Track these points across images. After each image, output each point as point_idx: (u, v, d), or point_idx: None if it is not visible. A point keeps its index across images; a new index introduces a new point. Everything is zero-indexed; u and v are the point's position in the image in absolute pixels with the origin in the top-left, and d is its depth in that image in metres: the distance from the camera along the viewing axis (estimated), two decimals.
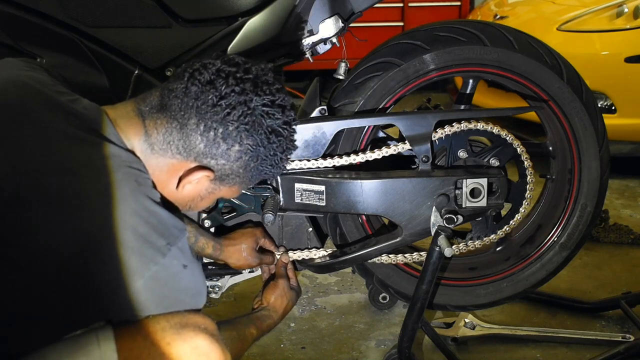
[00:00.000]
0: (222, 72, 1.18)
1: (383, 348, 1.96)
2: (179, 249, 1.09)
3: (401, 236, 1.73)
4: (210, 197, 1.28)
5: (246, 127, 1.18)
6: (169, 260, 1.06)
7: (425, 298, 1.70)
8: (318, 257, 1.79)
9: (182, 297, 1.10)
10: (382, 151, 1.72)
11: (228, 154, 1.19)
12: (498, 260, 1.94)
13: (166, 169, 1.19)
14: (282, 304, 1.62)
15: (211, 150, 1.18)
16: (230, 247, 1.67)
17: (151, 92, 1.21)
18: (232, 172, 1.22)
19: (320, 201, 1.71)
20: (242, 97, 1.18)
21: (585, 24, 3.37)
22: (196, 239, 1.63)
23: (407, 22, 5.09)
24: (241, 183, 1.26)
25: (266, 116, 1.20)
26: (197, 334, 1.04)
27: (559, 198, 1.91)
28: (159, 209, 1.09)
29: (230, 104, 1.17)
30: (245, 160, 1.21)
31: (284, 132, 1.23)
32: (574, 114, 1.80)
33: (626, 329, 2.06)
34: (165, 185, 1.20)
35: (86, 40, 1.70)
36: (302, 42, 1.73)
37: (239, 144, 1.19)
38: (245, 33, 1.70)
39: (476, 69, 1.78)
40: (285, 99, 1.24)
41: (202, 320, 1.07)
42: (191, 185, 1.22)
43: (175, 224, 1.11)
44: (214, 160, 1.19)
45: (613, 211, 2.90)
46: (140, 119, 1.18)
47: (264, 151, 1.22)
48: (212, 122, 1.16)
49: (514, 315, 2.14)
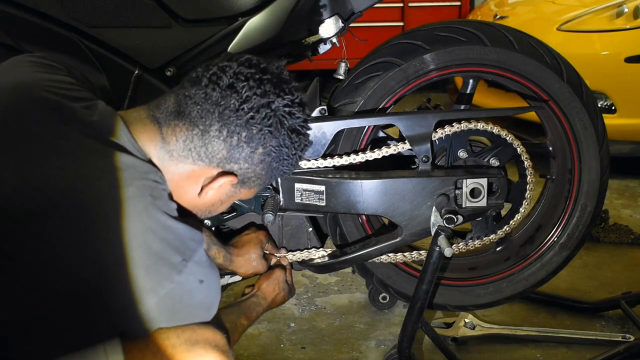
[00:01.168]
0: (240, 74, 1.16)
1: (383, 348, 1.96)
2: (196, 262, 1.07)
3: (401, 236, 1.73)
4: (230, 200, 1.26)
5: (270, 130, 1.17)
6: (185, 277, 1.04)
7: (425, 298, 1.70)
8: (318, 257, 1.79)
9: (195, 311, 1.08)
10: (382, 151, 1.72)
11: (252, 157, 1.18)
12: (498, 260, 1.94)
13: (186, 176, 1.17)
14: (272, 292, 1.61)
15: (234, 155, 1.16)
16: (239, 257, 1.66)
17: (164, 97, 1.19)
18: (254, 174, 1.21)
19: (320, 201, 1.71)
20: (265, 100, 1.16)
21: (585, 24, 3.37)
22: (209, 247, 1.61)
23: (407, 22, 5.09)
24: (262, 184, 1.25)
25: (288, 116, 1.19)
26: (208, 352, 1.02)
27: (559, 198, 1.91)
28: (174, 223, 1.06)
29: (253, 107, 1.15)
30: (268, 162, 1.20)
31: (303, 130, 1.23)
32: (574, 114, 1.80)
33: (626, 329, 2.06)
34: (185, 192, 1.18)
35: (86, 40, 1.70)
36: (302, 42, 1.73)
37: (262, 146, 1.17)
38: (245, 33, 1.70)
39: (476, 69, 1.78)
40: (303, 96, 1.23)
41: (212, 335, 1.06)
42: (214, 192, 1.20)
43: (192, 236, 1.08)
44: (237, 165, 1.18)
45: (613, 211, 2.90)
46: (156, 126, 1.15)
47: (287, 151, 1.21)
48: (235, 126, 1.14)
49: (514, 315, 2.14)
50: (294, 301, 2.19)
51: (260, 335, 2.05)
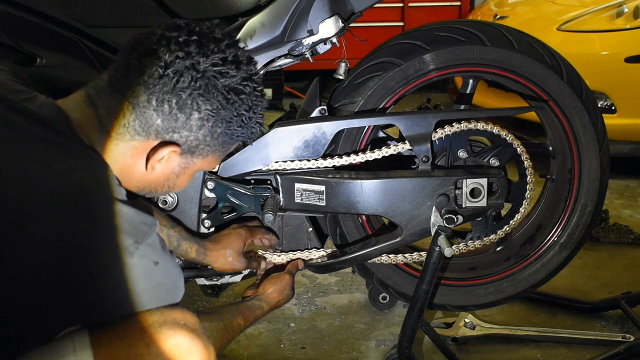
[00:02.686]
0: (163, 39, 1.10)
1: (383, 348, 1.96)
2: (149, 245, 1.05)
3: (401, 236, 1.73)
4: (187, 172, 1.21)
5: (200, 92, 1.11)
6: (138, 260, 1.02)
7: (425, 298, 1.70)
8: (318, 257, 1.79)
9: (157, 294, 1.06)
10: (382, 151, 1.72)
11: (189, 124, 1.13)
12: (498, 260, 1.94)
13: (130, 154, 1.14)
14: (276, 298, 1.58)
15: (170, 124, 1.12)
16: (213, 252, 1.63)
17: (100, 76, 1.16)
18: (199, 142, 1.15)
19: (320, 201, 1.71)
20: (189, 61, 1.10)
21: (585, 24, 3.36)
22: (179, 243, 1.59)
23: (407, 22, 5.09)
24: (215, 151, 1.19)
25: (219, 76, 1.12)
26: (176, 331, 1.01)
27: (559, 198, 1.91)
28: (123, 207, 1.04)
29: (177, 71, 1.09)
30: (208, 127, 1.14)
31: (244, 89, 1.15)
32: (574, 114, 1.80)
33: (626, 329, 2.06)
34: (134, 170, 1.15)
35: (86, 40, 1.70)
36: (302, 42, 1.73)
37: (197, 111, 1.12)
38: (245, 33, 1.69)
39: (476, 69, 1.78)
40: (239, 53, 1.16)
41: (180, 315, 1.03)
42: (161, 165, 1.16)
43: (143, 219, 1.06)
44: (176, 134, 1.13)
45: (613, 211, 2.90)
46: (91, 109, 1.12)
47: (227, 113, 1.14)
48: (163, 94, 1.09)
49: (514, 315, 2.14)
50: (294, 301, 2.19)
51: (260, 335, 2.05)
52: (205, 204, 1.73)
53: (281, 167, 1.71)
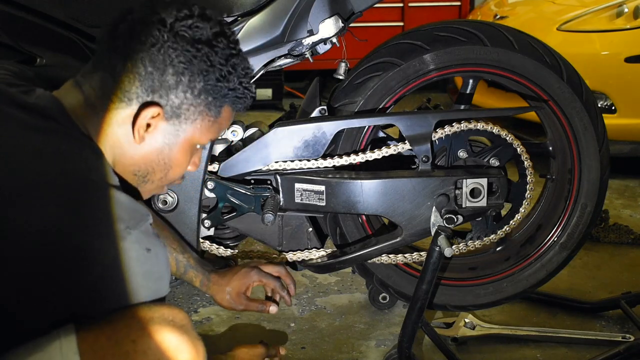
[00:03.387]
0: (132, 11, 1.13)
1: (383, 348, 1.96)
2: (142, 232, 1.05)
3: (401, 236, 1.73)
4: (180, 143, 1.17)
5: (169, 45, 1.10)
6: (129, 244, 1.02)
7: (425, 298, 1.70)
8: (318, 257, 1.79)
9: (146, 281, 1.05)
10: (382, 151, 1.72)
11: (165, 80, 1.11)
12: (498, 260, 1.95)
13: (117, 127, 1.13)
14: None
15: (148, 84, 1.11)
16: (216, 285, 1.64)
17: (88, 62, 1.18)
18: (181, 101, 1.13)
19: (320, 201, 1.71)
20: (155, 17, 1.11)
21: (585, 24, 3.36)
22: (185, 270, 1.61)
23: (407, 22, 5.09)
24: (202, 114, 1.16)
25: (189, 29, 1.11)
26: (164, 327, 0.99)
27: (559, 198, 1.91)
28: (117, 194, 1.05)
29: (147, 30, 1.10)
30: (186, 82, 1.12)
31: (216, 42, 1.13)
32: (574, 114, 1.80)
33: (626, 329, 2.05)
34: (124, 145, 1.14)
35: (86, 40, 1.70)
36: (302, 42, 1.73)
37: (170, 65, 1.11)
38: (245, 33, 1.69)
39: (476, 69, 1.78)
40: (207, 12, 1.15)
41: (168, 311, 1.02)
42: (149, 134, 1.14)
43: (136, 207, 1.07)
44: (156, 95, 1.12)
45: (613, 211, 2.89)
46: (79, 90, 1.14)
47: (200, 64, 1.12)
48: (135, 53, 1.10)
49: (514, 315, 2.14)
50: (294, 301, 2.19)
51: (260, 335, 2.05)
52: (205, 204, 1.73)
53: (281, 167, 1.71)
